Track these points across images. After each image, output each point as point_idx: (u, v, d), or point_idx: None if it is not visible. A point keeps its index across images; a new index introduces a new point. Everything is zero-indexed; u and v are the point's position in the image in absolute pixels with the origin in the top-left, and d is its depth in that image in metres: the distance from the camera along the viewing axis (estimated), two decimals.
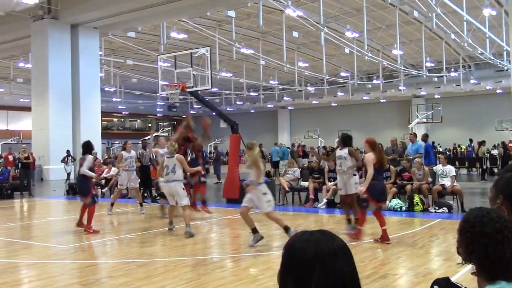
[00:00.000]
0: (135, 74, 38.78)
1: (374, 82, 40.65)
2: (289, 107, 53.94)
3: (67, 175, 21.95)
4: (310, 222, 10.56)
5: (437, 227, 9.28)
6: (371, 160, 7.75)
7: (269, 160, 27.15)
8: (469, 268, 1.81)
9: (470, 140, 30.04)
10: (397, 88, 40.83)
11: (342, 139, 9.03)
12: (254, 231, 7.62)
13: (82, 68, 25.78)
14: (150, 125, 61.65)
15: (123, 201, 14.30)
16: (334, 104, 49.24)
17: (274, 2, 20.55)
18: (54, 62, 24.87)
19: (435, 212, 10.98)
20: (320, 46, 27.01)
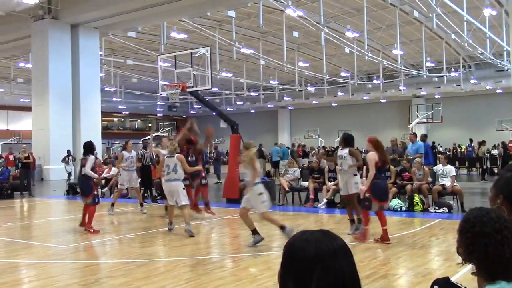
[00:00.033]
0: (135, 74, 38.78)
1: (374, 82, 40.63)
2: (289, 107, 53.92)
3: (68, 175, 21.96)
4: (310, 222, 10.56)
5: (437, 227, 9.28)
6: (373, 159, 7.70)
7: (269, 160, 27.17)
8: (469, 268, 1.81)
9: (470, 140, 30.02)
10: (397, 88, 40.82)
11: (344, 139, 8.92)
12: (254, 232, 7.61)
13: (82, 68, 25.78)
14: (150, 125, 61.64)
15: (123, 201, 14.29)
16: (334, 104, 49.23)
17: (274, 2, 20.55)
18: (54, 62, 24.86)
19: (435, 212, 10.98)
20: (320, 46, 27.01)
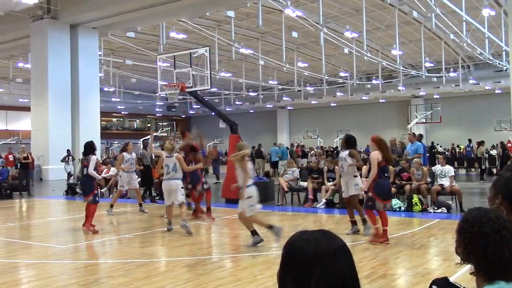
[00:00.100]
0: (134, 74, 38.75)
1: (373, 82, 40.65)
2: (288, 107, 53.92)
3: (68, 175, 21.93)
4: (309, 222, 10.56)
5: (436, 227, 9.29)
6: (376, 158, 7.63)
7: (268, 160, 27.18)
8: (467, 268, 1.81)
9: (469, 140, 30.05)
10: (396, 88, 40.83)
11: (345, 141, 8.83)
12: (254, 233, 7.61)
13: (82, 68, 25.77)
14: (149, 125, 61.63)
15: (123, 201, 14.28)
16: (333, 104, 49.23)
17: (274, 2, 20.55)
18: (53, 62, 24.84)
19: (434, 212, 10.99)
20: (319, 46, 27.01)
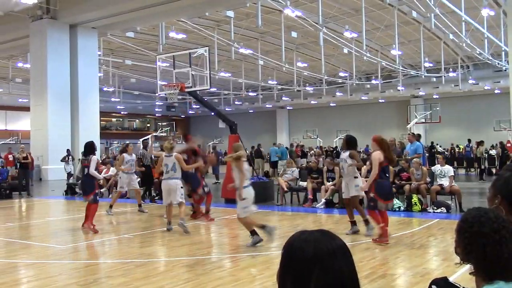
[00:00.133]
0: (134, 74, 38.75)
1: (373, 82, 40.66)
2: (287, 107, 53.93)
3: (67, 175, 21.91)
4: (309, 222, 10.56)
5: (435, 227, 9.29)
6: (377, 159, 7.61)
7: (267, 160, 27.19)
8: (467, 268, 1.81)
9: (469, 140, 30.06)
10: (395, 88, 40.85)
11: (346, 141, 8.78)
12: (253, 233, 7.61)
13: (81, 68, 25.75)
14: (148, 125, 61.63)
15: (122, 201, 14.27)
16: (333, 104, 49.24)
17: (273, 2, 20.55)
18: (52, 62, 24.82)
19: (434, 212, 10.99)
20: (318, 46, 27.02)
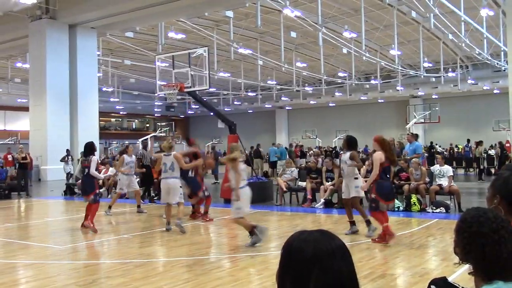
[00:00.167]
0: (133, 74, 38.73)
1: (372, 82, 40.67)
2: (287, 107, 53.92)
3: (67, 175, 21.88)
4: (308, 222, 10.56)
5: (434, 227, 9.29)
6: (378, 159, 7.61)
7: (267, 160, 27.19)
8: (466, 268, 1.81)
9: (468, 140, 30.07)
10: (394, 88, 40.87)
11: (347, 142, 8.75)
12: (252, 233, 7.61)
13: (80, 68, 25.73)
14: (148, 125, 61.59)
15: (121, 201, 14.25)
16: (332, 104, 49.25)
17: (272, 2, 20.55)
18: (52, 62, 24.80)
19: (433, 212, 11.00)
20: (318, 46, 27.03)
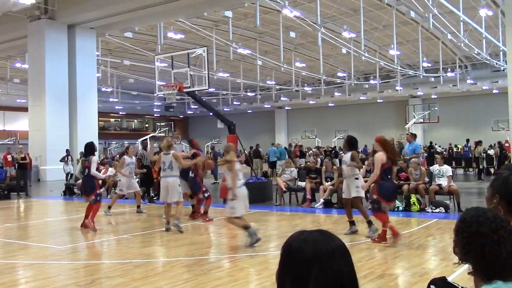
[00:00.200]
0: (132, 75, 38.71)
1: (371, 82, 40.67)
2: (286, 107, 53.91)
3: (66, 175, 21.86)
4: (307, 222, 10.56)
5: (433, 227, 9.29)
6: (380, 160, 7.60)
7: (266, 160, 27.20)
8: (465, 268, 1.81)
9: (467, 140, 30.10)
10: (394, 88, 40.88)
11: (347, 142, 8.74)
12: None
13: (79, 68, 25.72)
14: (147, 125, 61.58)
15: (121, 201, 14.24)
16: (331, 104, 49.27)
17: (271, 2, 20.55)
18: (51, 63, 24.79)
19: (432, 212, 11.00)
20: (317, 46, 27.03)
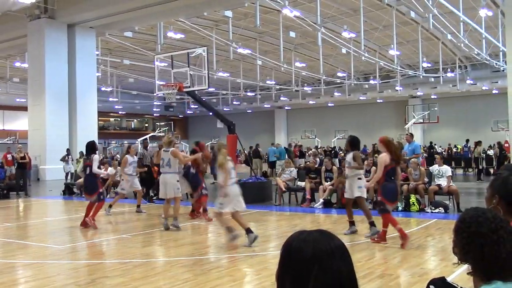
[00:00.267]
0: (132, 74, 38.68)
1: (371, 82, 40.65)
2: (286, 107, 53.90)
3: (66, 175, 21.83)
4: (307, 222, 10.57)
5: (433, 227, 9.30)
6: (383, 162, 7.60)
7: (266, 160, 27.21)
8: (465, 268, 1.82)
9: (467, 140, 30.10)
10: (393, 88, 40.87)
11: (350, 142, 8.76)
12: (248, 231, 7.66)
13: (79, 67, 25.70)
14: (146, 125, 61.57)
15: (121, 201, 14.22)
16: (331, 104, 49.26)
17: (271, 2, 20.54)
18: (50, 62, 24.77)
19: (431, 212, 11.01)
20: (317, 46, 27.02)
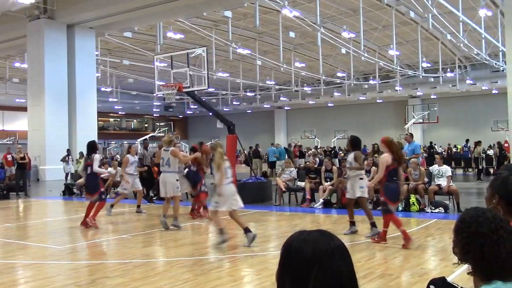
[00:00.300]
0: (132, 74, 38.70)
1: (371, 82, 40.68)
2: (285, 107, 53.93)
3: (66, 175, 21.81)
4: (307, 222, 10.56)
5: (433, 227, 9.30)
6: (384, 162, 7.60)
7: (265, 160, 27.22)
8: (465, 268, 1.82)
9: (467, 140, 30.10)
10: (393, 88, 40.90)
11: (351, 142, 8.77)
12: (247, 231, 7.67)
13: (78, 68, 25.71)
14: (146, 125, 61.58)
15: (121, 201, 14.22)
16: (331, 104, 49.28)
17: (271, 2, 20.54)
18: (50, 62, 24.78)
19: (431, 212, 11.01)
20: (316, 46, 27.05)
